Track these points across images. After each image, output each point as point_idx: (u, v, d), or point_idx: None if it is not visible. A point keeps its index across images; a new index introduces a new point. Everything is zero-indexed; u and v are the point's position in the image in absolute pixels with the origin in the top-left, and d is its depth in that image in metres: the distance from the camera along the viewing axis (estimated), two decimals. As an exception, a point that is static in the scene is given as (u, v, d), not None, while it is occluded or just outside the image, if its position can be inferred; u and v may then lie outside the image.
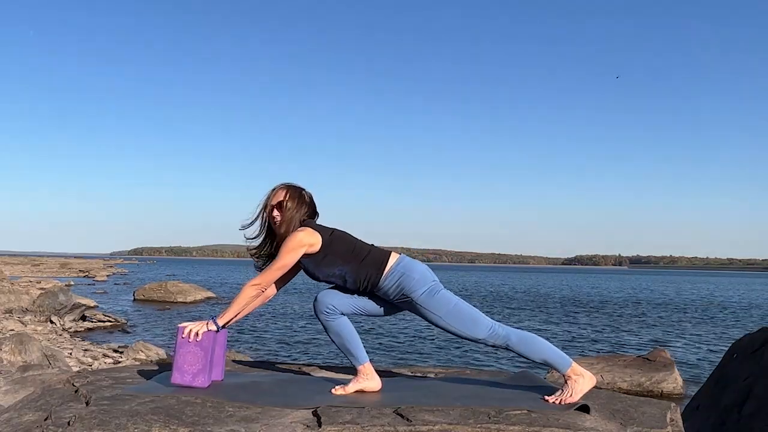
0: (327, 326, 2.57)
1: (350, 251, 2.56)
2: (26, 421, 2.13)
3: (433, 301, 2.51)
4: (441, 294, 2.53)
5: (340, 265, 2.55)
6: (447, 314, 2.50)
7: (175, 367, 2.47)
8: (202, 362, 2.45)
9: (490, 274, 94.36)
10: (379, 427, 1.98)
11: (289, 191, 2.63)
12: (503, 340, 2.48)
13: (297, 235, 2.51)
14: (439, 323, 2.51)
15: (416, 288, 2.51)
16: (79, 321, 15.46)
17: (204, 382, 2.45)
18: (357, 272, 2.55)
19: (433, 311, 2.50)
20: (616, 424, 2.15)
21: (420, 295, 2.51)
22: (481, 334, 2.48)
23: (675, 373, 9.01)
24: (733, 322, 21.43)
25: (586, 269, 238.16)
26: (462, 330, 2.50)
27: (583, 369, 2.47)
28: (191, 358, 2.44)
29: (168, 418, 2.00)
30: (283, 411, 2.14)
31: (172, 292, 23.38)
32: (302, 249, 2.51)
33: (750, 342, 4.37)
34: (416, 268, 2.56)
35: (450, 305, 2.51)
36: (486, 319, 2.51)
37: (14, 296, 15.37)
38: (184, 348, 2.45)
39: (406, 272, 2.53)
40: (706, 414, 4.22)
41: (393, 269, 2.54)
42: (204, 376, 2.45)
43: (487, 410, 2.16)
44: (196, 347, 2.45)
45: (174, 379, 2.46)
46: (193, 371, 2.44)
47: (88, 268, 52.04)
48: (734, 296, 39.66)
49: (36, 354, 8.25)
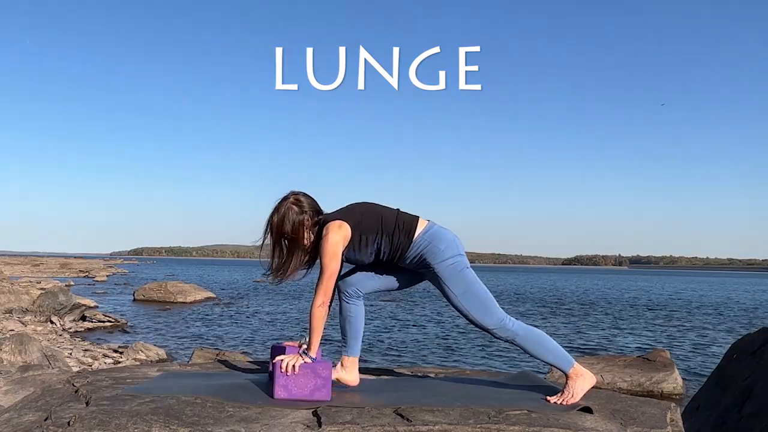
0: (344, 308, 2.57)
1: (381, 223, 2.51)
2: (26, 421, 2.13)
3: (452, 276, 2.46)
4: (462, 272, 2.48)
5: (374, 241, 2.50)
6: (463, 293, 2.46)
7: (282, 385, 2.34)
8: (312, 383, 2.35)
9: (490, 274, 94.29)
10: (379, 427, 1.98)
11: (282, 212, 2.49)
12: (511, 335, 2.47)
13: (328, 237, 2.42)
14: (453, 300, 2.48)
15: (439, 258, 2.46)
16: (79, 321, 15.46)
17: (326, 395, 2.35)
18: (392, 241, 2.50)
19: (450, 286, 2.46)
20: (616, 424, 2.15)
21: (441, 266, 2.46)
22: (490, 323, 2.46)
23: (675, 373, 9.02)
24: (733, 322, 21.43)
25: (586, 269, 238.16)
26: (473, 314, 2.46)
27: (584, 369, 2.47)
28: (303, 381, 2.35)
29: (168, 418, 2.00)
30: (283, 411, 2.14)
31: (172, 292, 23.37)
32: (341, 248, 2.45)
33: (750, 342, 4.37)
34: (444, 237, 2.51)
35: (468, 285, 2.47)
36: (500, 310, 2.49)
37: (14, 296, 15.37)
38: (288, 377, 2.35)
39: (432, 241, 2.48)
40: (706, 414, 4.23)
41: (421, 237, 2.49)
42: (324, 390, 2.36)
43: (487, 410, 2.16)
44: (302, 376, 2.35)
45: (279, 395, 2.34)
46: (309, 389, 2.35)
47: (88, 268, 52.02)
48: (734, 296, 39.66)
49: (36, 354, 8.25)
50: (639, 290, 45.48)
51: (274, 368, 2.39)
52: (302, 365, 2.34)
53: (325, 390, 2.34)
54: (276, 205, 2.53)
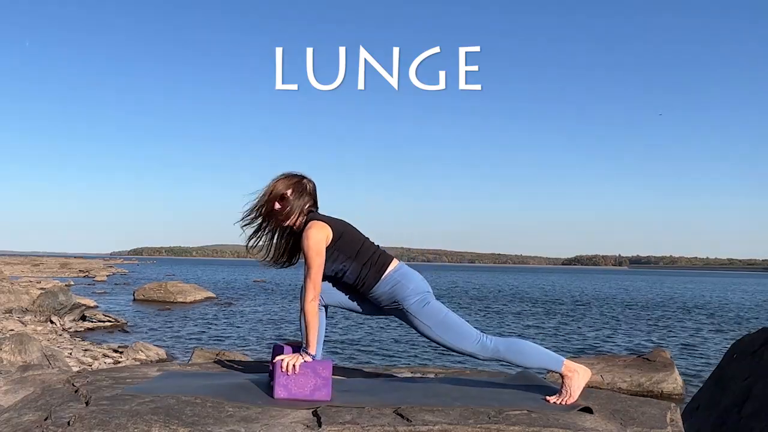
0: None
1: (357, 249, 2.54)
2: (26, 421, 2.13)
3: (423, 311, 2.51)
4: (431, 305, 2.53)
5: (343, 261, 2.53)
6: (436, 325, 2.50)
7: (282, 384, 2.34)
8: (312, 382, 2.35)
9: (490, 274, 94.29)
10: (379, 427, 1.98)
11: (290, 180, 2.55)
12: (492, 352, 2.48)
13: (311, 233, 2.44)
14: (428, 333, 2.52)
15: (408, 297, 2.52)
16: (79, 321, 15.47)
17: (326, 395, 2.34)
18: (359, 271, 2.54)
19: (422, 321, 2.51)
20: (616, 424, 2.15)
21: (411, 305, 2.52)
22: (469, 347, 2.49)
23: (675, 373, 9.02)
24: (733, 322, 21.45)
25: (586, 269, 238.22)
26: (450, 342, 2.50)
27: (576, 364, 2.47)
28: (303, 380, 2.35)
29: (168, 418, 2.00)
30: (283, 411, 2.14)
31: (172, 292, 23.40)
32: (324, 246, 2.46)
33: (750, 342, 4.38)
34: (412, 278, 2.56)
35: (440, 316, 2.51)
36: (474, 331, 2.51)
37: (14, 296, 15.38)
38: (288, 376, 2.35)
39: (401, 280, 2.54)
40: (706, 414, 4.23)
41: (390, 276, 2.54)
42: (325, 389, 2.35)
43: (487, 410, 2.16)
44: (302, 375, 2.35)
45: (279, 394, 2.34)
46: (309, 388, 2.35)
47: (88, 268, 52.06)
48: (734, 296, 39.68)
49: (36, 354, 8.26)
50: (639, 290, 45.49)
51: (274, 368, 2.39)
52: (302, 365, 2.34)
53: (326, 390, 2.34)
54: (287, 173, 2.56)
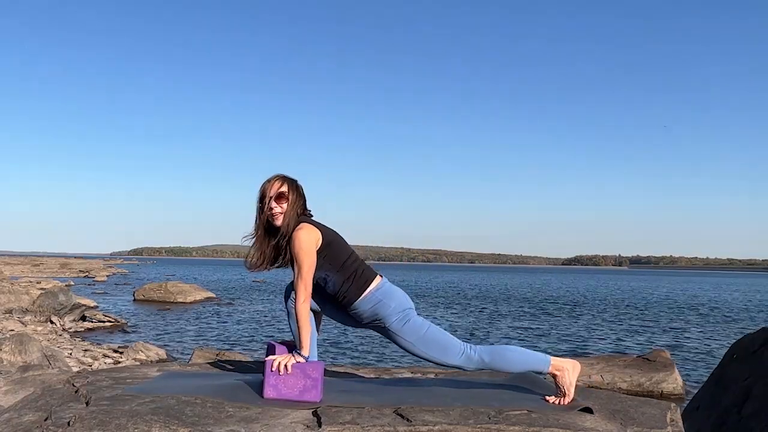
0: (291, 313, 2.58)
1: (342, 261, 2.54)
2: (26, 421, 2.13)
3: (403, 329, 2.51)
4: (412, 321, 2.52)
5: (328, 271, 2.52)
6: (418, 341, 2.50)
7: (271, 385, 2.33)
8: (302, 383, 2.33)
9: (490, 274, 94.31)
10: (379, 427, 1.98)
11: (288, 182, 2.56)
12: (478, 363, 2.48)
13: (302, 234, 2.44)
14: (411, 349, 2.52)
15: (390, 316, 2.52)
16: (79, 321, 15.46)
17: (316, 396, 2.32)
18: (341, 284, 2.53)
19: (405, 338, 2.51)
20: (616, 424, 2.15)
21: (393, 323, 2.52)
22: (453, 360, 2.49)
23: (675, 373, 9.01)
24: (733, 322, 21.44)
25: (586, 269, 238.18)
26: (434, 356, 2.50)
27: (563, 360, 2.47)
28: (292, 382, 2.33)
29: (168, 418, 2.00)
30: (283, 411, 2.14)
31: (172, 292, 23.39)
32: (314, 247, 2.46)
33: (750, 342, 4.37)
34: (394, 296, 2.55)
35: (421, 332, 2.51)
36: (458, 344, 2.51)
37: (14, 296, 15.37)
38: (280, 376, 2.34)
39: (383, 299, 2.53)
40: (706, 414, 4.23)
41: (372, 293, 2.53)
42: (314, 390, 2.33)
43: (487, 410, 2.16)
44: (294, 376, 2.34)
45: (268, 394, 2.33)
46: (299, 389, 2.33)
47: (88, 268, 52.05)
48: (734, 296, 39.66)
49: (36, 354, 8.26)
50: (639, 290, 45.48)
51: (264, 367, 2.38)
52: (294, 365, 2.33)
53: (315, 391, 2.31)
54: (281, 174, 2.57)
